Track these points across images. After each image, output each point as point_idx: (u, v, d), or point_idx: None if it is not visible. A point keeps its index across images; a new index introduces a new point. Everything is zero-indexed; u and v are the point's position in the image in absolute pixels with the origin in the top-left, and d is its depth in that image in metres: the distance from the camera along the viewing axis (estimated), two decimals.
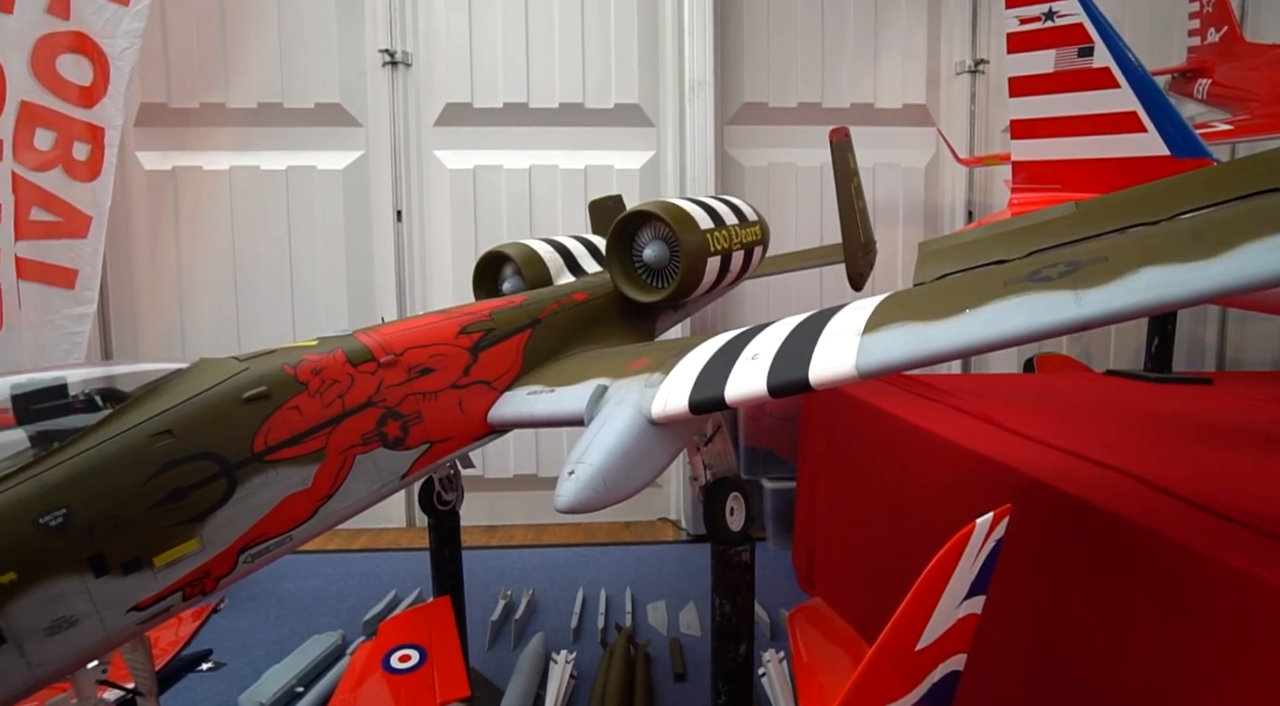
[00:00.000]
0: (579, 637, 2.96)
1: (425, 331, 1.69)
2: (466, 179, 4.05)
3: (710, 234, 2.12)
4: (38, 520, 1.04)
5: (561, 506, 1.30)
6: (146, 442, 1.16)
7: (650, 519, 4.32)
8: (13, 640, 1.00)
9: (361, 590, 3.35)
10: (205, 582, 1.21)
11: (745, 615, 1.77)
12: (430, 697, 1.72)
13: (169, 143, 3.89)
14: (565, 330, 2.02)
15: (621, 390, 1.54)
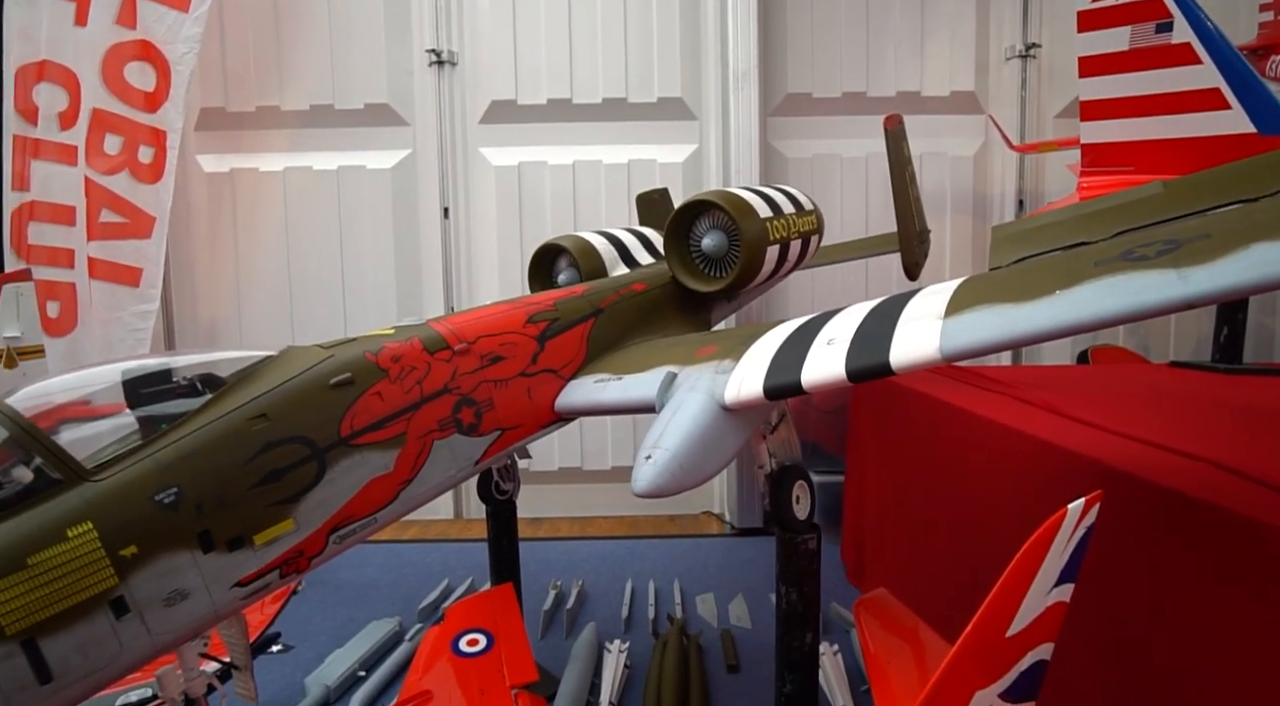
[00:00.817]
0: (630, 628, 2.98)
1: (495, 320, 1.72)
2: (511, 175, 4.10)
3: (769, 222, 2.12)
4: (153, 497, 1.08)
5: (640, 490, 1.31)
6: (245, 426, 1.21)
7: (694, 512, 4.33)
8: (135, 610, 1.05)
9: (414, 579, 3.42)
10: (299, 562, 1.25)
11: (811, 603, 1.77)
12: (500, 680, 1.75)
13: (227, 146, 4.01)
14: (625, 320, 2.04)
15: (692, 377, 1.55)
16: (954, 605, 2.08)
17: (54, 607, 0.98)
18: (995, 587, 1.08)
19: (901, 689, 1.56)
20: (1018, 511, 1.89)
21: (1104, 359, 3.84)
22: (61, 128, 3.32)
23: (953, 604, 2.09)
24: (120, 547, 1.04)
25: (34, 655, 0.96)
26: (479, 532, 4.05)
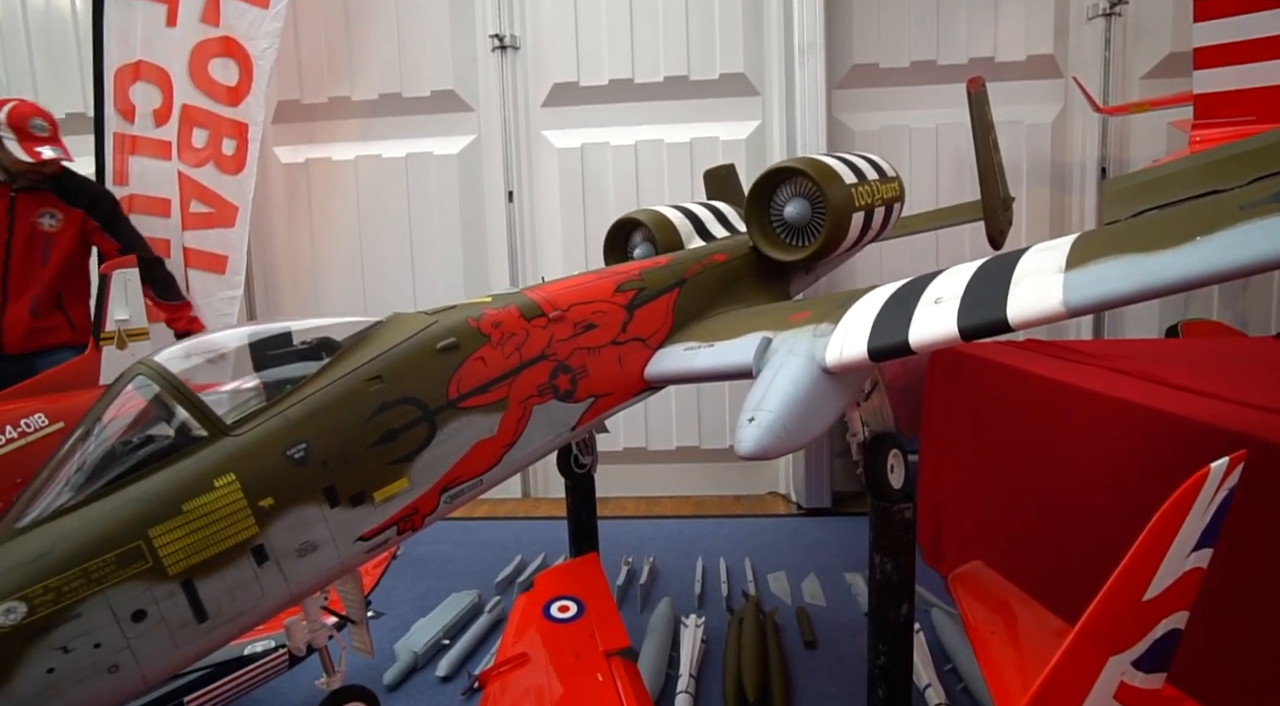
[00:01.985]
0: (703, 604, 2.98)
1: (586, 289, 1.73)
2: (574, 157, 4.11)
3: (854, 188, 2.07)
4: (285, 452, 1.13)
5: (745, 451, 1.31)
6: (363, 387, 1.25)
7: (760, 493, 4.30)
8: (274, 558, 1.10)
9: (488, 554, 3.51)
10: (414, 519, 1.29)
11: (906, 574, 1.73)
12: (593, 645, 1.77)
13: (301, 137, 4.15)
14: (707, 291, 2.02)
15: (789, 340, 1.53)
16: (1051, 574, 2.02)
17: (206, 552, 1.03)
18: (1132, 550, 1.04)
19: (1008, 659, 1.52)
20: (1118, 479, 1.81)
21: (1196, 333, 3.63)
22: (156, 124, 3.50)
23: (1050, 573, 2.03)
24: (259, 499, 1.09)
25: (192, 595, 1.02)
26: (547, 511, 4.15)
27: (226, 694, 2.00)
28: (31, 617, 0.91)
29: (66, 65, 4.12)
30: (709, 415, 4.23)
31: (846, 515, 3.95)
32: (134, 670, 0.98)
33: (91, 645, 0.95)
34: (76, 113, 4.14)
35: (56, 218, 3.07)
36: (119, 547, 0.97)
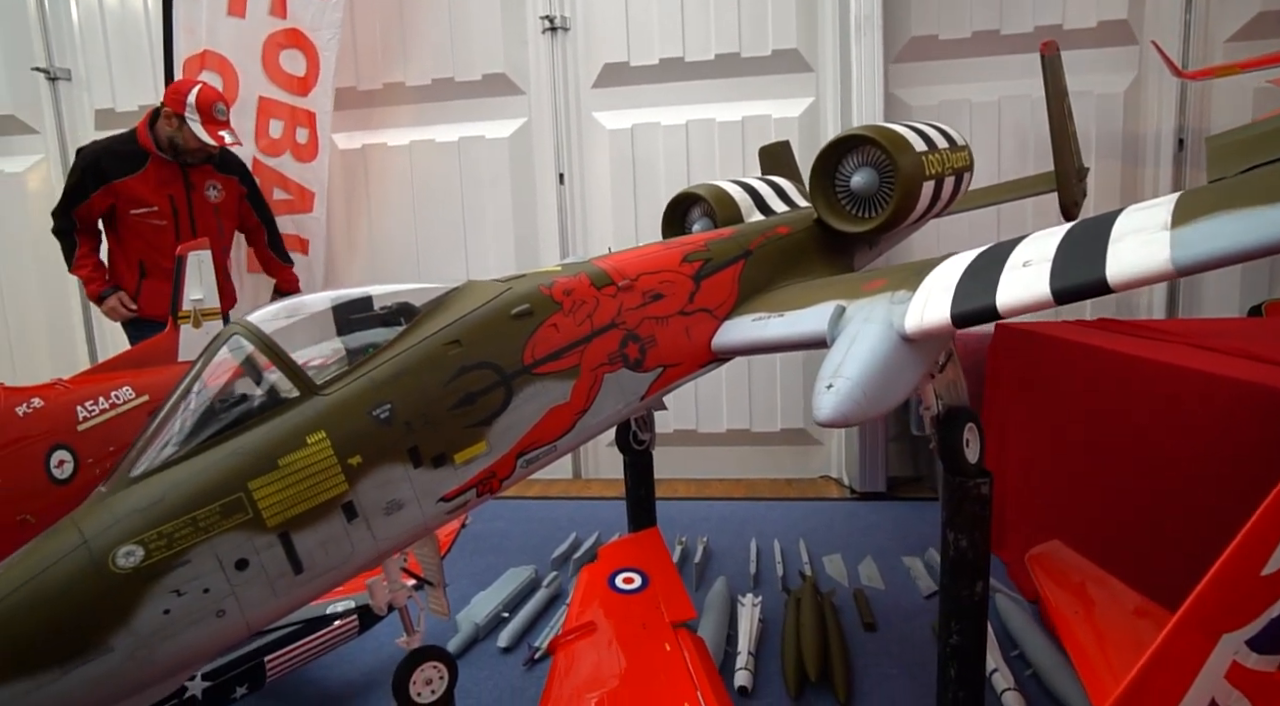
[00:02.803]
0: (758, 584, 2.97)
1: (653, 259, 1.72)
2: (625, 138, 4.10)
3: (925, 157, 2.00)
4: (371, 412, 1.16)
5: (824, 418, 1.28)
6: (443, 350, 1.26)
7: (812, 476, 4.25)
8: (362, 515, 1.12)
9: (542, 532, 3.55)
10: (492, 482, 1.31)
11: (982, 551, 1.68)
12: (659, 617, 1.78)
13: (358, 123, 4.23)
14: (772, 263, 1.99)
15: (865, 308, 1.49)
16: (1135, 553, 1.94)
17: (301, 506, 1.06)
18: (1250, 522, 0.98)
19: (1095, 639, 1.46)
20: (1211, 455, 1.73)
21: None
22: None
23: (1134, 552, 1.95)
24: (348, 456, 1.11)
25: (289, 547, 1.05)
26: (598, 491, 4.18)
27: (304, 655, 2.08)
28: (148, 561, 0.95)
29: (139, 59, 4.28)
30: (760, 398, 4.19)
31: (902, 500, 3.88)
32: (238, 616, 1.02)
33: (201, 590, 0.98)
34: (148, 104, 4.31)
35: (218, 189, 3.32)
36: (222, 498, 1.01)
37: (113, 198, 3.13)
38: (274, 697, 2.35)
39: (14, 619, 0.88)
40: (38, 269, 4.59)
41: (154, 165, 3.15)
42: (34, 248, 4.57)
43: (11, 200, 4.59)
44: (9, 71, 4.43)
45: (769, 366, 4.15)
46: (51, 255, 4.62)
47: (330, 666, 2.49)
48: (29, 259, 4.61)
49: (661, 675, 1.58)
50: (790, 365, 4.14)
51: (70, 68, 4.39)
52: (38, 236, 4.61)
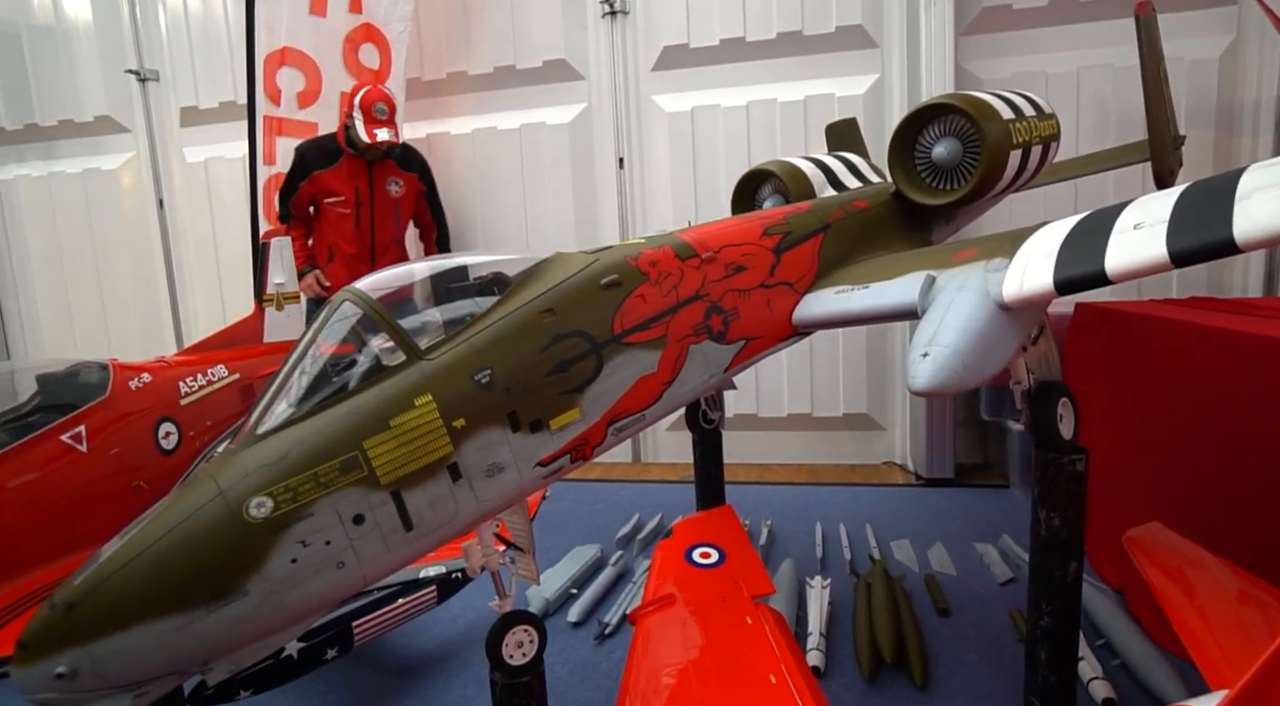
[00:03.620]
0: (825, 568, 2.94)
1: (734, 231, 1.71)
2: (684, 121, 4.07)
3: (1012, 125, 1.93)
4: (473, 377, 1.19)
5: (920, 386, 1.26)
6: (537, 318, 1.29)
7: (875, 462, 4.17)
8: (466, 477, 1.16)
9: (605, 513, 3.60)
10: (585, 449, 1.33)
11: (1076, 530, 1.62)
12: (738, 591, 1.78)
13: (423, 113, 4.33)
14: (850, 237, 1.96)
15: (958, 277, 1.45)
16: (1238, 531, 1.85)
17: (411, 465, 1.10)
18: None
19: (1204, 621, 1.40)
20: None
21: None
22: (300, 106, 3.75)
23: (1237, 530, 1.85)
24: (453, 419, 1.15)
25: (400, 505, 1.10)
26: (658, 475, 4.20)
27: (388, 621, 2.16)
28: (277, 512, 1.00)
29: (220, 58, 4.48)
30: (822, 382, 4.14)
31: (971, 487, 3.77)
32: (356, 569, 1.07)
33: (323, 542, 1.03)
34: (228, 101, 4.52)
35: (399, 184, 3.56)
36: (340, 456, 1.06)
37: (314, 188, 3.45)
38: (359, 662, 2.45)
39: (167, 559, 0.95)
40: (130, 257, 4.92)
41: (345, 160, 3.44)
42: (127, 238, 4.88)
43: (106, 195, 4.88)
44: (105, 74, 4.70)
45: (831, 350, 4.09)
46: (141, 244, 4.93)
47: (408, 636, 2.58)
48: (122, 248, 4.93)
49: (744, 647, 1.58)
50: (854, 349, 4.07)
51: (158, 69, 4.63)
52: (130, 228, 4.92)
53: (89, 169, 4.88)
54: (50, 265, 5.10)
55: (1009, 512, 3.39)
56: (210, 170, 4.66)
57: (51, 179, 4.95)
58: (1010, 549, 2.96)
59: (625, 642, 2.46)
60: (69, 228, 4.99)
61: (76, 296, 5.09)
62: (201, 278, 4.86)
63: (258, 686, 1.89)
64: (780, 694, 1.42)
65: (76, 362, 2.04)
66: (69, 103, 4.81)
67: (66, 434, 1.82)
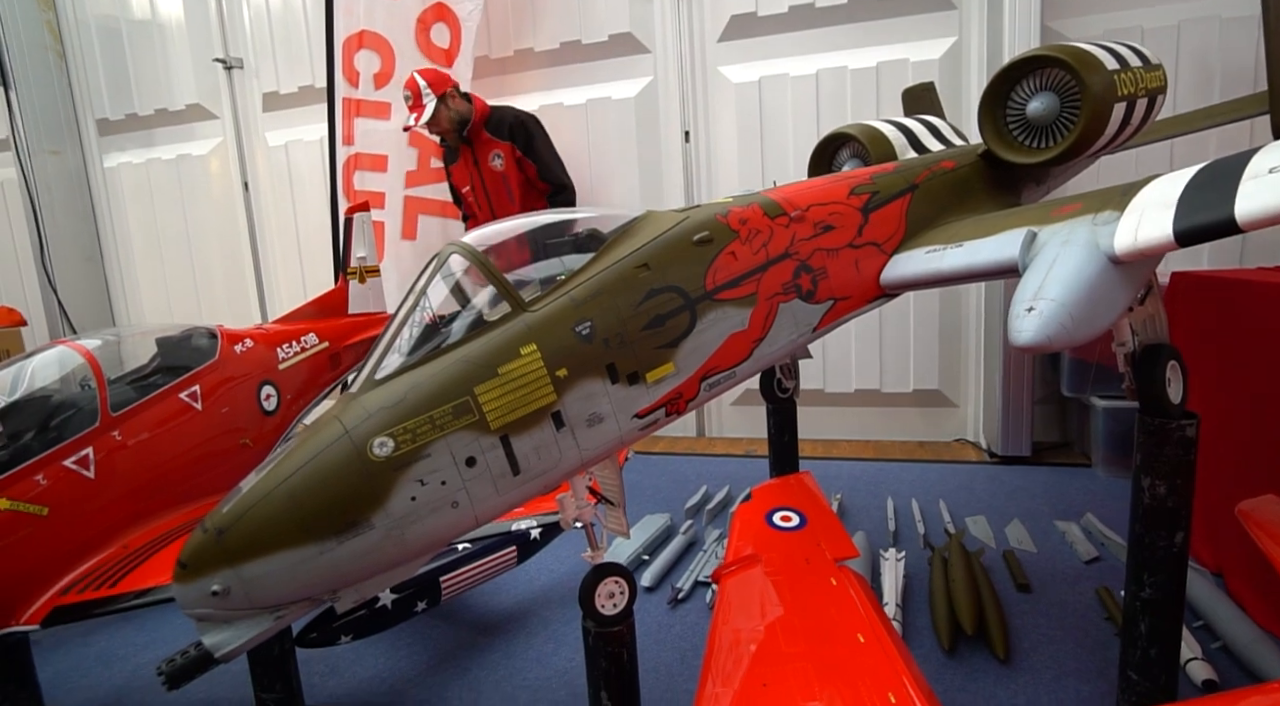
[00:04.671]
0: (898, 541, 2.90)
1: (821, 191, 1.69)
2: (751, 91, 4.01)
3: (1116, 76, 1.83)
4: (574, 328, 1.22)
5: (1025, 341, 1.22)
6: (634, 273, 1.31)
7: (946, 440, 4.08)
8: (569, 425, 1.19)
9: (672, 484, 3.63)
10: (679, 403, 1.35)
11: (1184, 499, 1.56)
12: (821, 553, 1.78)
13: (490, 91, 4.36)
14: (938, 198, 1.90)
15: (1061, 232, 1.40)
16: None
17: (518, 412, 1.15)
18: None
19: None
20: None
21: None
22: (376, 88, 3.87)
23: None
24: (556, 368, 1.18)
25: (508, 449, 1.14)
26: (721, 449, 4.21)
27: (471, 578, 2.25)
28: (397, 452, 1.06)
29: (299, 43, 4.64)
30: (891, 358, 4.05)
31: (1049, 465, 3.64)
32: (469, 508, 1.12)
33: (439, 482, 1.09)
34: (306, 85, 4.69)
35: (500, 156, 3.59)
36: (453, 400, 1.10)
37: (454, 182, 3.66)
38: (443, 619, 2.56)
39: (301, 492, 1.01)
40: (219, 235, 5.25)
41: (461, 152, 3.60)
42: (216, 218, 5.19)
43: (198, 179, 5.17)
44: (194, 64, 4.95)
45: (902, 325, 3.99)
46: (229, 224, 5.21)
47: (488, 595, 2.69)
48: (212, 227, 5.25)
49: (830, 607, 1.58)
50: (925, 324, 3.97)
51: (242, 56, 4.84)
52: (218, 209, 5.21)
53: (182, 155, 5.16)
54: (149, 244, 5.46)
55: (1092, 492, 3.26)
56: (291, 153, 4.86)
57: (149, 165, 5.27)
58: (1095, 527, 2.86)
59: (698, 607, 2.51)
60: (164, 210, 5.31)
61: (171, 272, 5.43)
62: (283, 254, 5.10)
63: (356, 633, 2.01)
64: (872, 652, 1.42)
65: (189, 327, 2.18)
66: (163, 92, 5.08)
67: (184, 392, 1.96)
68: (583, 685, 2.13)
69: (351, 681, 2.23)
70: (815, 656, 1.45)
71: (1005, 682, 2.03)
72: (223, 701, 2.15)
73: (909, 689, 1.31)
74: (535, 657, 2.29)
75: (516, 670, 2.22)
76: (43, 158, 5.01)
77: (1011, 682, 2.03)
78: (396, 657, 2.34)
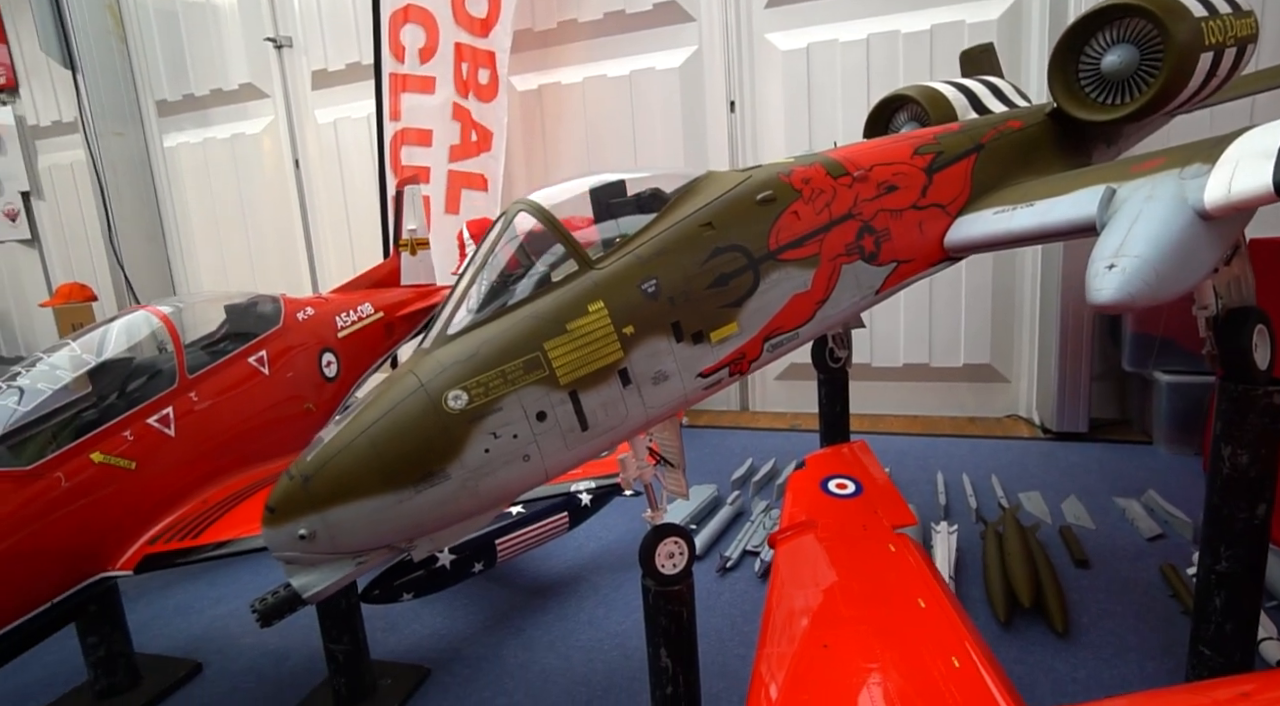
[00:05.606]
0: (949, 515, 2.86)
1: (884, 151, 1.65)
2: (799, 59, 3.92)
3: (1204, 23, 1.73)
4: (640, 286, 1.22)
5: (1106, 298, 1.17)
6: (698, 232, 1.30)
7: (998, 415, 3.98)
8: (635, 382, 1.20)
9: (717, 457, 3.64)
10: (742, 363, 1.34)
11: (1267, 469, 1.49)
12: (879, 520, 1.76)
13: (534, 65, 4.38)
14: (1004, 159, 1.84)
15: (1145, 187, 1.34)
16: None
17: (586, 368, 1.15)
18: None
19: None
20: None
21: None
22: (421, 62, 3.88)
23: None
24: (623, 326, 1.18)
25: (577, 405, 1.15)
26: (765, 423, 4.19)
27: (525, 542, 2.30)
28: (471, 405, 1.08)
29: (345, 21, 4.69)
30: (941, 332, 3.96)
31: (1106, 442, 3.54)
32: (539, 462, 1.14)
33: (511, 435, 1.11)
34: (353, 62, 4.75)
35: None
36: (524, 356, 1.12)
37: None
38: (497, 582, 2.63)
39: (381, 442, 1.05)
40: (271, 210, 5.41)
41: None
42: (268, 195, 5.35)
43: (251, 157, 5.31)
44: (247, 44, 5.05)
45: (953, 298, 3.89)
46: (281, 199, 5.34)
47: (539, 561, 2.74)
48: (266, 202, 5.40)
49: (889, 572, 1.57)
50: (977, 297, 3.86)
51: (291, 35, 4.92)
52: (271, 185, 5.34)
53: (236, 134, 5.30)
54: (206, 221, 5.65)
55: (1153, 469, 3.16)
56: (339, 130, 4.94)
57: (205, 145, 5.43)
58: (1157, 504, 2.77)
59: (746, 575, 2.52)
60: (220, 186, 5.47)
61: (227, 248, 5.63)
62: (332, 228, 5.22)
63: (416, 591, 2.08)
64: (933, 617, 1.41)
65: (255, 295, 2.25)
66: (218, 72, 5.21)
67: (252, 357, 2.03)
68: (635, 647, 2.18)
69: (410, 638, 2.31)
70: (875, 619, 1.44)
71: (1064, 656, 2.00)
72: (295, 652, 2.25)
73: (972, 654, 1.30)
74: (587, 620, 2.33)
75: (569, 631, 2.27)
76: (108, 139, 5.19)
77: (1070, 656, 2.00)
78: (453, 617, 2.41)
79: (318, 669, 2.08)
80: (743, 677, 2.02)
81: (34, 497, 1.45)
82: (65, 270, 6.08)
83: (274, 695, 2.06)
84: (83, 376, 1.65)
